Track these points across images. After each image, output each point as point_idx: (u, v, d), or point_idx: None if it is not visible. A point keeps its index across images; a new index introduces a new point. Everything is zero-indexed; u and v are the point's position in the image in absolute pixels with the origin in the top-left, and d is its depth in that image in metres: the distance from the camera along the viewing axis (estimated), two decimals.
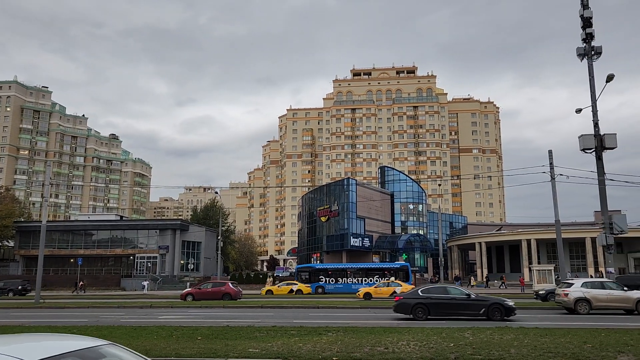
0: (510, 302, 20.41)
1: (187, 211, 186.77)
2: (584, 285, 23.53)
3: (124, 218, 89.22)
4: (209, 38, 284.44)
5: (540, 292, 34.20)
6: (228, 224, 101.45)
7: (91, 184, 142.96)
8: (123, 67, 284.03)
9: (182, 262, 71.47)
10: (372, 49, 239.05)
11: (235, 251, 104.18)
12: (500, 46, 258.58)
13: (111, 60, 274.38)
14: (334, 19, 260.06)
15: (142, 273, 67.79)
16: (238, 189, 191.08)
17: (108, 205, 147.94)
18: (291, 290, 47.68)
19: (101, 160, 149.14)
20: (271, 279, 58.18)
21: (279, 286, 49.55)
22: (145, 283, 56.26)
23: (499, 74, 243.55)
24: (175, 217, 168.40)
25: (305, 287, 48.36)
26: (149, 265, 69.32)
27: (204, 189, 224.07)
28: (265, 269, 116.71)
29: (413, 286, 40.52)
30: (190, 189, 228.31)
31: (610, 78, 26.49)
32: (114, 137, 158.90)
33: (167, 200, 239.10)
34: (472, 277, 69.25)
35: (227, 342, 13.00)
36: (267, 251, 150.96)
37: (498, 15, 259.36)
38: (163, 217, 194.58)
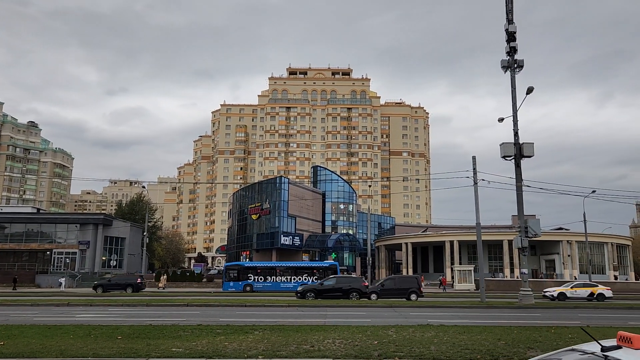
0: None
1: (112, 205, 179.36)
2: None
3: (41, 211, 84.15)
4: (145, 26, 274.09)
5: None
6: (155, 220, 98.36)
7: (5, 173, 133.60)
8: (49, 51, 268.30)
9: (104, 258, 68.44)
10: (314, 48, 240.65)
11: (161, 248, 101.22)
12: (437, 54, 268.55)
13: (36, 42, 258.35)
14: (277, 16, 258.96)
15: (60, 269, 64.26)
16: (167, 184, 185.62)
17: (24, 197, 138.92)
18: None
19: (17, 149, 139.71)
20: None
21: None
22: (62, 280, 53.32)
23: (433, 80, 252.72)
24: (98, 212, 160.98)
25: None
26: (68, 261, 65.82)
27: (131, 182, 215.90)
28: (192, 267, 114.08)
29: None
30: (115, 182, 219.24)
31: (530, 90, 28.12)
32: (32, 124, 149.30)
33: (89, 193, 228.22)
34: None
35: (149, 341, 12.60)
36: (195, 248, 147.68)
37: (436, 24, 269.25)
38: (85, 211, 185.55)
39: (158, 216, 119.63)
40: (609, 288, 39.82)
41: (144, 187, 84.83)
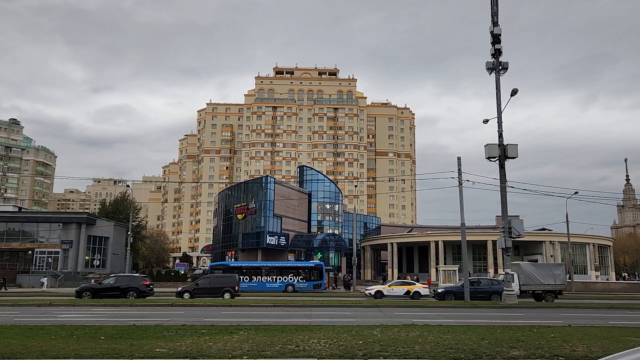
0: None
1: (95, 204, 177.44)
2: None
3: (22, 210, 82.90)
4: (132, 23, 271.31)
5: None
6: (139, 219, 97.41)
7: None
8: (34, 47, 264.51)
9: (87, 258, 67.64)
10: (302, 47, 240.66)
11: (145, 247, 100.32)
12: (424, 55, 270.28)
13: (21, 38, 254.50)
14: (265, 15, 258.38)
15: (42, 269, 63.34)
16: (152, 183, 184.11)
17: (5, 195, 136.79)
18: None
19: None
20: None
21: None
22: (44, 280, 52.55)
23: (421, 81, 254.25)
24: (82, 211, 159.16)
25: None
26: (50, 260, 64.89)
27: (115, 181, 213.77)
28: (175, 266, 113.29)
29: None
30: (99, 181, 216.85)
31: (514, 92, 28.39)
32: (14, 122, 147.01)
33: (73, 192, 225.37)
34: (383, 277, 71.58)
35: (132, 341, 12.49)
36: (180, 248, 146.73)
37: (424, 25, 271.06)
38: (68, 210, 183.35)
39: (142, 215, 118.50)
40: (425, 286, 40.45)
41: (128, 186, 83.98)
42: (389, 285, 40.12)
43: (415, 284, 39.91)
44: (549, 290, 34.93)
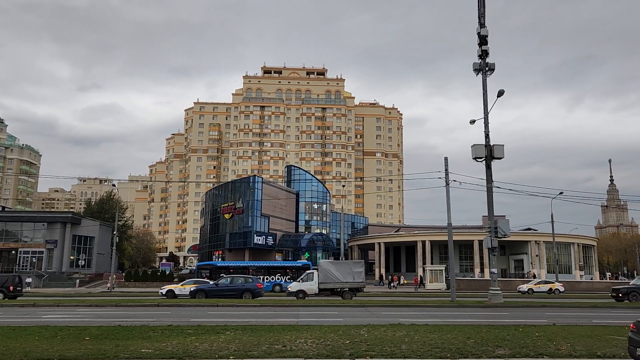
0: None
1: (81, 204, 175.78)
2: None
3: (6, 209, 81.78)
4: (121, 21, 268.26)
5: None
6: (125, 219, 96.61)
7: None
8: (21, 45, 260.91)
9: (72, 257, 66.92)
10: (292, 47, 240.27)
11: (131, 247, 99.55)
12: (414, 55, 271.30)
13: (7, 35, 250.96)
14: (255, 14, 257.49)
15: (26, 269, 62.53)
16: (138, 182, 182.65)
17: None
18: None
19: None
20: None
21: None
22: (28, 280, 51.97)
23: (410, 82, 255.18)
24: (67, 210, 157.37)
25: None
26: (34, 260, 64.11)
27: (100, 180, 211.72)
28: (160, 266, 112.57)
29: None
30: (84, 180, 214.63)
31: (500, 93, 28.60)
32: None
33: (57, 191, 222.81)
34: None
35: (118, 342, 12.37)
36: (166, 247, 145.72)
37: (414, 26, 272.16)
38: (52, 210, 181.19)
39: (128, 215, 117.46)
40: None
41: (114, 185, 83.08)
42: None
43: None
44: (348, 288, 35.16)
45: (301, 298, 34.24)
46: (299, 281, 37.13)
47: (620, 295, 34.30)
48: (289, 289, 36.65)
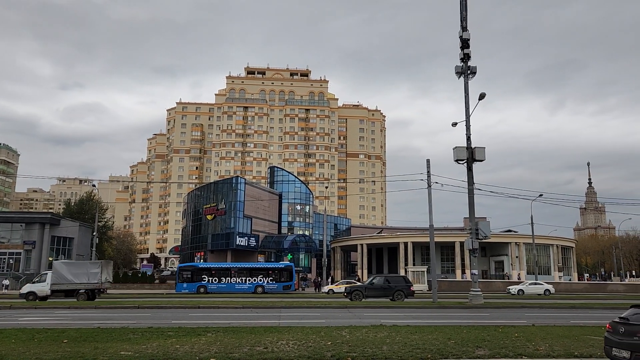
0: None
1: (60, 204, 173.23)
2: None
3: None
4: (105, 19, 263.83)
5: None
6: (105, 220, 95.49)
7: None
8: (0, 42, 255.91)
9: (50, 259, 65.75)
10: (278, 48, 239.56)
11: (112, 248, 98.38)
12: (399, 58, 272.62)
13: None
14: (242, 14, 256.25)
15: (3, 270, 61.35)
16: (119, 183, 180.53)
17: None
18: None
19: None
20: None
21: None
22: (5, 282, 51.02)
23: (395, 84, 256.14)
24: (45, 210, 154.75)
25: None
26: (12, 262, 62.92)
27: (80, 181, 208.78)
28: (141, 268, 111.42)
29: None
30: (64, 181, 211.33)
31: (482, 96, 28.93)
32: None
33: (36, 191, 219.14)
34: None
35: (97, 344, 12.21)
36: (147, 249, 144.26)
37: (400, 28, 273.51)
38: (31, 210, 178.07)
39: (109, 216, 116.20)
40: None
41: (94, 185, 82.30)
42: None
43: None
44: (84, 289, 35.04)
45: (32, 300, 34.22)
46: (32, 282, 37.24)
47: None
48: (21, 290, 36.83)
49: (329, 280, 72.28)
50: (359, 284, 42.24)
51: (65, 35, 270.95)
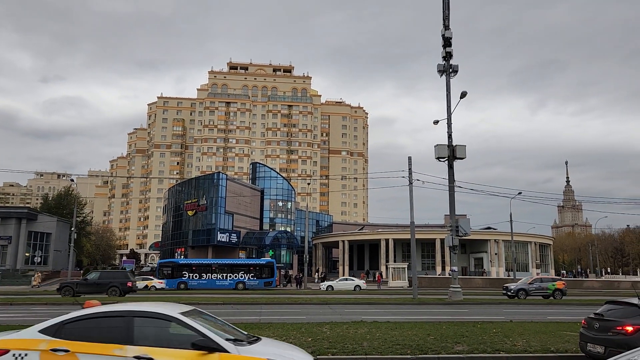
0: None
1: (37, 199, 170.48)
2: None
3: None
4: (87, 11, 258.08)
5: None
6: (84, 215, 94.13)
7: None
8: None
9: (27, 254, 64.75)
10: (264, 43, 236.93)
11: (90, 244, 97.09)
12: (385, 56, 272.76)
13: None
14: (227, 8, 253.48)
15: None
16: (98, 178, 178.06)
17: None
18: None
19: None
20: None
21: None
22: None
23: (380, 82, 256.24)
24: (22, 205, 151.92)
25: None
26: None
27: (58, 175, 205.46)
28: (122, 264, 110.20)
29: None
30: (41, 175, 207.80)
31: (463, 95, 29.17)
32: None
33: (12, 185, 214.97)
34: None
35: None
36: (127, 245, 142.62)
37: (385, 26, 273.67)
38: (6, 204, 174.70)
39: (88, 211, 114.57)
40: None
41: (72, 180, 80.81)
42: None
43: None
44: None
45: None
46: None
47: None
48: None
49: (316, 275, 72.53)
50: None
51: (47, 27, 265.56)
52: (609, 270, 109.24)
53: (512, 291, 35.66)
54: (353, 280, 50.49)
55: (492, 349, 11.32)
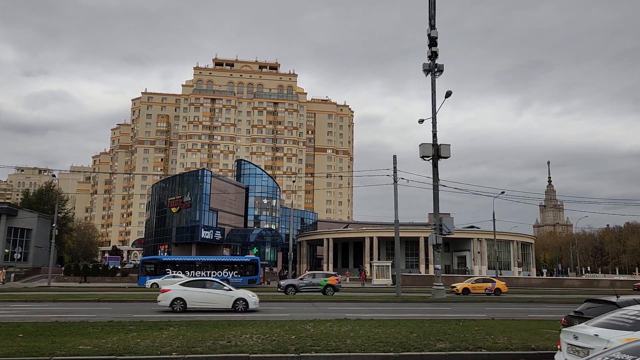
0: None
1: (18, 194, 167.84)
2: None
3: None
4: (72, 4, 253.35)
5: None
6: (66, 211, 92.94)
7: None
8: None
9: (7, 250, 63.69)
10: (251, 40, 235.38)
11: (72, 240, 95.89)
12: (372, 54, 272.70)
13: None
14: (215, 4, 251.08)
15: None
16: (80, 173, 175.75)
17: None
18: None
19: None
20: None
21: None
22: None
23: (368, 80, 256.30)
24: (2, 200, 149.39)
25: None
26: None
27: (40, 170, 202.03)
28: (107, 261, 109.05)
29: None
30: (22, 170, 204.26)
31: (448, 94, 29.36)
32: None
33: None
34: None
35: (54, 339, 11.88)
36: (109, 241, 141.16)
37: (373, 25, 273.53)
38: None
39: (69, 207, 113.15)
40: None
41: (54, 175, 79.72)
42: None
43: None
44: None
45: None
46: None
47: None
48: None
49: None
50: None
51: (30, 19, 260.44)
52: (588, 269, 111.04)
53: (281, 287, 35.90)
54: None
55: (474, 346, 11.43)
